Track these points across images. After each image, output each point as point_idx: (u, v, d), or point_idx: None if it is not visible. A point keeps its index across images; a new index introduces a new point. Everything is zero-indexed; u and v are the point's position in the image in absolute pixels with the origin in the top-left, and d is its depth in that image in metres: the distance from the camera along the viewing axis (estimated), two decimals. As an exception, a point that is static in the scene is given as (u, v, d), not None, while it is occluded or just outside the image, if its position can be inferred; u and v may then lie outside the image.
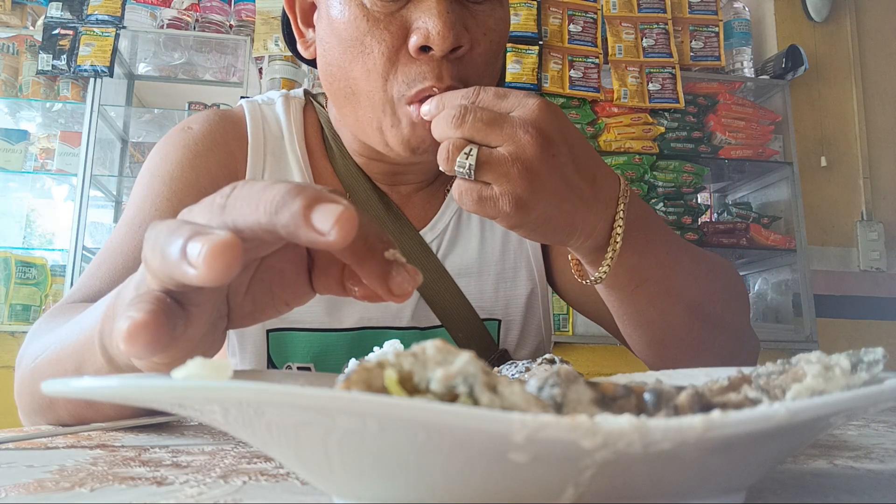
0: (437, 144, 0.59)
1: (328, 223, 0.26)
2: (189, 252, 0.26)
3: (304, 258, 0.35)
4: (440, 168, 0.44)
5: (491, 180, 0.43)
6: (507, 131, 0.43)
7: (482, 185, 0.43)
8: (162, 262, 0.28)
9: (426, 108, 0.50)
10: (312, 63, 0.69)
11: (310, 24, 0.68)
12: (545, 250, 0.78)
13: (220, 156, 0.70)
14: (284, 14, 0.71)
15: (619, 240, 0.48)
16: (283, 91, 0.78)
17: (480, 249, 0.75)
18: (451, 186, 0.76)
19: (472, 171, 0.42)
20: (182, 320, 0.30)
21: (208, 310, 0.32)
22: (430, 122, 0.57)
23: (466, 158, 0.42)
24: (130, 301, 0.29)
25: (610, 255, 0.48)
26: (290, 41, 0.73)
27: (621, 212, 0.48)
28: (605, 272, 0.49)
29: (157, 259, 0.28)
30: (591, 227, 0.47)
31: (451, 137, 0.44)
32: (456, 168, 0.43)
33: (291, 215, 0.27)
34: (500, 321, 0.74)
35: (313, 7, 0.67)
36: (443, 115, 0.44)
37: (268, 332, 0.69)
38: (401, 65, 0.57)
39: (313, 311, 0.69)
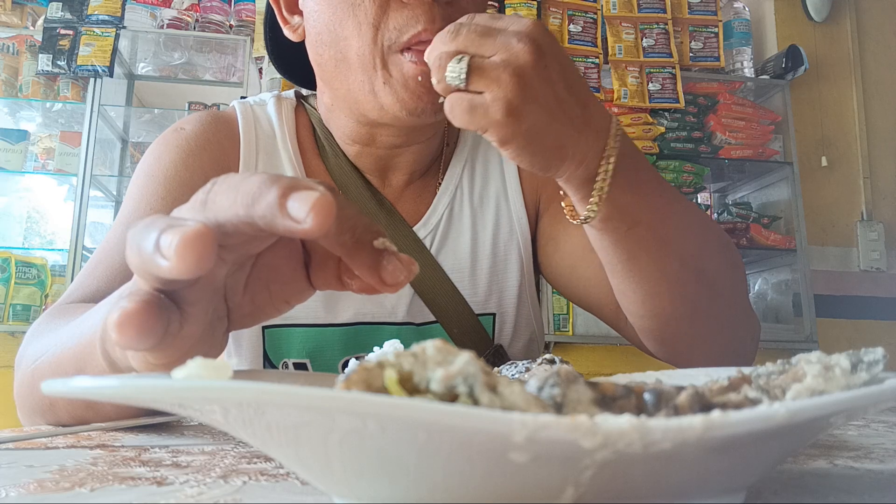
0: (433, 104, 0.60)
1: (304, 210, 0.26)
2: (161, 244, 0.26)
3: (299, 254, 0.35)
4: (433, 81, 0.43)
5: (482, 87, 0.42)
6: (501, 40, 0.42)
7: (473, 95, 0.42)
8: (138, 257, 0.28)
9: (427, 51, 0.47)
10: (292, 53, 0.71)
11: (293, 10, 0.70)
12: (535, 237, 0.78)
13: (213, 154, 0.71)
14: (268, 9, 0.73)
15: (609, 171, 0.46)
16: (275, 92, 0.79)
17: (473, 243, 0.75)
18: (442, 178, 0.76)
19: (464, 77, 0.42)
20: (176, 318, 0.30)
21: (203, 309, 0.31)
22: (424, 83, 0.59)
23: (458, 63, 0.42)
24: (123, 295, 0.29)
25: (599, 186, 0.47)
26: (272, 40, 0.76)
27: (612, 143, 0.46)
28: (594, 205, 0.47)
29: (135, 254, 0.28)
30: (582, 154, 0.46)
31: (445, 51, 0.43)
32: (447, 75, 0.42)
33: (267, 205, 0.27)
34: (494, 315, 0.74)
35: None
36: (438, 35, 0.44)
37: (263, 328, 0.70)
38: (392, 11, 0.58)
39: (309, 307, 0.69)
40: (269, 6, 0.73)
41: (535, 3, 2.65)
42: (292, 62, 0.78)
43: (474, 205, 0.76)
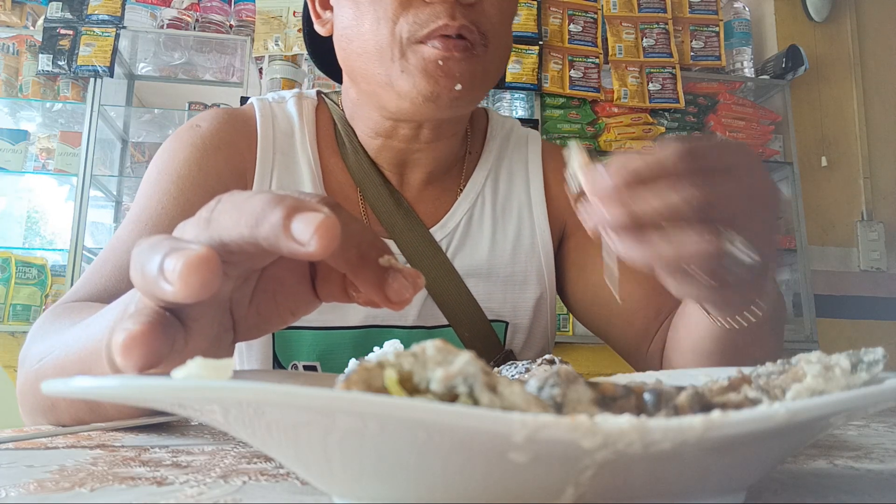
0: (450, 91, 0.61)
1: (307, 233, 0.26)
2: (165, 268, 0.26)
3: (305, 267, 0.34)
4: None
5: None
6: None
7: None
8: (142, 280, 0.28)
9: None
10: (327, 45, 0.72)
11: (326, 6, 0.72)
12: (558, 258, 0.78)
13: (228, 154, 0.70)
14: (305, 4, 0.75)
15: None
16: (297, 90, 0.79)
17: (490, 251, 0.74)
18: (464, 184, 0.76)
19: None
20: (181, 334, 0.30)
21: (208, 323, 0.31)
22: (444, 67, 0.60)
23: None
24: (128, 314, 0.29)
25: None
26: (309, 32, 0.77)
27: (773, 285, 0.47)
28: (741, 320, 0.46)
29: (139, 276, 0.28)
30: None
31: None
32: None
33: (271, 227, 0.26)
34: (507, 323, 0.74)
35: None
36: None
37: None
38: (413, 9, 0.60)
39: (319, 309, 0.69)
40: (305, 1, 0.75)
41: (535, 3, 2.65)
42: (329, 58, 0.77)
43: (496, 214, 0.76)
